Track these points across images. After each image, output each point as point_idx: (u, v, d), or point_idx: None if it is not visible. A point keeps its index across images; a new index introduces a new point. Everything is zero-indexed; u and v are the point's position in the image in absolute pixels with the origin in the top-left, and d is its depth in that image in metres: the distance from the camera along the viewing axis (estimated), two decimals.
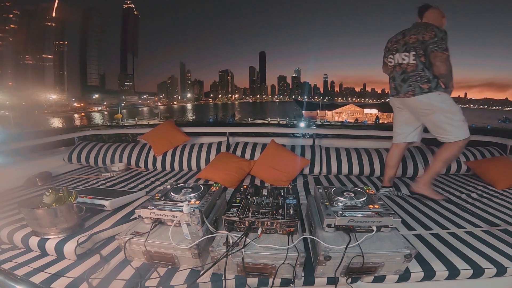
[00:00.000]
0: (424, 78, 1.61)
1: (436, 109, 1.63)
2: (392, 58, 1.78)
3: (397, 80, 1.75)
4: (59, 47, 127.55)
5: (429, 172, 1.78)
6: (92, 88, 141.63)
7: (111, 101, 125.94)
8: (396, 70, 1.75)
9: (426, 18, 1.73)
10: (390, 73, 1.83)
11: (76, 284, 0.95)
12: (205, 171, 2.23)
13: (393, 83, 1.79)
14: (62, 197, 1.21)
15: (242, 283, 0.98)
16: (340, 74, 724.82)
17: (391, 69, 1.81)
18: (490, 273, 1.05)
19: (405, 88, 1.69)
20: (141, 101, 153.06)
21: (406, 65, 1.68)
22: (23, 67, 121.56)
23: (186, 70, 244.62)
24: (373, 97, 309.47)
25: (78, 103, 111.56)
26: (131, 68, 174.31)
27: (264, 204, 1.10)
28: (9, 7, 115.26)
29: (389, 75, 1.85)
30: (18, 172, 2.10)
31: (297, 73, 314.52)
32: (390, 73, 1.84)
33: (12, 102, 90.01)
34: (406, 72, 1.68)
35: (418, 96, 1.64)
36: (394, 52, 1.76)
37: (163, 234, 1.05)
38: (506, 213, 1.56)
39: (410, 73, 1.66)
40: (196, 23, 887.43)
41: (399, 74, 1.73)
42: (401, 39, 1.71)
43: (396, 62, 1.74)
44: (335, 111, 49.08)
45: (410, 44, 1.65)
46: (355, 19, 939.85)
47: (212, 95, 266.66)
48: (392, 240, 1.01)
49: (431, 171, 1.77)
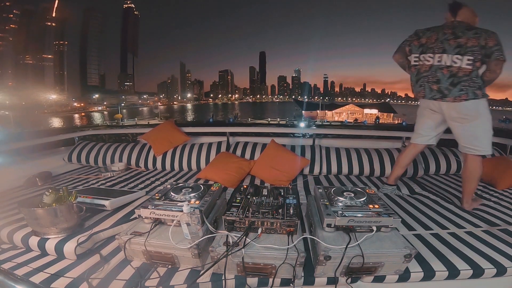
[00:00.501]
0: (477, 84, 1.53)
1: (480, 116, 1.57)
2: (432, 57, 1.62)
3: (443, 83, 1.59)
4: (59, 47, 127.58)
5: (468, 194, 1.68)
6: (92, 88, 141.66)
7: (111, 101, 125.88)
8: (443, 72, 1.58)
9: (460, 17, 1.64)
10: (424, 72, 1.66)
11: (76, 284, 0.95)
12: (205, 171, 2.23)
13: (437, 85, 1.62)
14: (62, 197, 1.21)
15: (242, 283, 0.98)
16: (340, 74, 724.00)
17: (427, 68, 1.65)
18: (490, 273, 1.05)
19: (456, 93, 1.55)
20: (141, 101, 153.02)
21: (458, 68, 1.54)
22: (23, 67, 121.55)
23: (186, 70, 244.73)
24: (373, 97, 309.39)
25: (78, 103, 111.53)
26: (131, 68, 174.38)
27: (264, 204, 1.10)
28: (9, 7, 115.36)
29: (422, 74, 1.68)
30: (18, 172, 2.10)
31: (297, 73, 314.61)
32: (424, 72, 1.67)
33: (12, 102, 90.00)
34: (456, 75, 1.55)
35: (470, 101, 1.54)
36: (437, 51, 1.60)
37: (163, 234, 1.05)
38: (506, 213, 1.56)
39: (463, 78, 1.54)
40: (196, 23, 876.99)
41: (446, 77, 1.58)
42: (452, 39, 1.56)
43: (444, 63, 1.58)
44: (335, 111, 49.07)
45: (468, 48, 1.51)
46: (355, 19, 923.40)
47: (212, 95, 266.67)
48: (392, 240, 1.01)
49: (469, 192, 1.67)
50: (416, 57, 1.72)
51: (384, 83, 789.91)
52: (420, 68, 1.70)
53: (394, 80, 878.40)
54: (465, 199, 1.69)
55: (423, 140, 1.87)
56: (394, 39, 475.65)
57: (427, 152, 2.45)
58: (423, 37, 1.68)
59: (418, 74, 1.72)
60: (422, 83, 1.70)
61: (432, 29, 1.68)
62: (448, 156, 2.43)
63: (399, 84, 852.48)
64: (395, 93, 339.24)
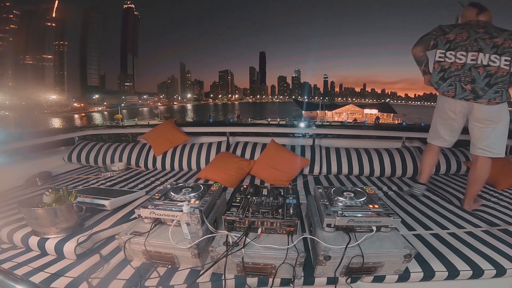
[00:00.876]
0: (508, 85, 1.51)
1: (502, 120, 1.56)
2: (464, 56, 1.55)
3: (479, 83, 1.52)
4: (59, 47, 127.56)
5: (471, 196, 1.69)
6: (92, 88, 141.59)
7: (111, 101, 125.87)
8: (479, 72, 1.52)
9: (484, 17, 1.63)
10: (456, 70, 1.58)
11: (76, 283, 0.95)
12: (205, 171, 2.23)
13: (471, 85, 1.54)
14: (62, 196, 1.21)
15: (242, 283, 0.98)
16: (340, 74, 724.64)
17: (458, 67, 1.57)
18: (489, 274, 1.05)
19: (491, 94, 1.50)
20: (141, 101, 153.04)
21: (497, 68, 1.49)
22: (23, 67, 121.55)
23: (186, 70, 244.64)
24: (373, 97, 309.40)
25: (78, 103, 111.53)
26: (131, 68, 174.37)
27: (264, 204, 1.10)
28: (9, 7, 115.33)
29: (453, 72, 1.59)
30: (18, 172, 2.10)
31: (297, 73, 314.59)
32: (455, 71, 1.58)
33: (12, 102, 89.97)
34: (493, 76, 1.50)
35: (502, 103, 1.51)
36: (472, 49, 1.54)
37: (163, 234, 1.05)
38: (506, 213, 1.56)
39: (500, 78, 1.49)
40: (196, 23, 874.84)
41: (482, 76, 1.51)
42: (488, 38, 1.51)
43: (480, 62, 1.52)
44: (335, 111, 49.09)
45: (505, 48, 1.48)
46: (355, 19, 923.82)
47: (212, 96, 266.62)
48: (392, 240, 1.01)
49: (473, 194, 1.68)
50: (442, 53, 1.62)
51: (384, 83, 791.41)
52: (445, 65, 1.61)
53: (394, 80, 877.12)
54: (467, 200, 1.69)
55: (447, 144, 1.79)
56: (394, 39, 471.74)
57: None
58: (451, 33, 1.60)
59: (443, 72, 1.62)
60: (453, 82, 1.59)
61: (460, 26, 1.62)
62: (448, 156, 2.43)
63: (399, 84, 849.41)
64: (395, 93, 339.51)
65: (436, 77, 1.66)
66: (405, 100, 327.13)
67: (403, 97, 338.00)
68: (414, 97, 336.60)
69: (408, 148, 2.47)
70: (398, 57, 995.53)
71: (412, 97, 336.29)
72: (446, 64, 1.61)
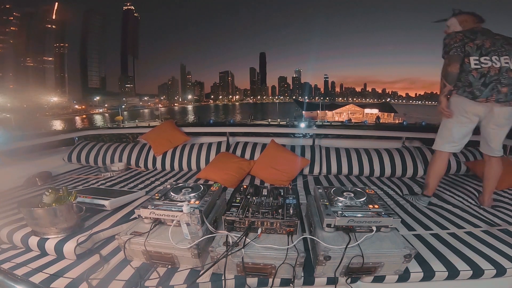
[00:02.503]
0: None
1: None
2: (498, 60, 1.57)
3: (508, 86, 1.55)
4: (60, 49, 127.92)
5: (490, 191, 1.75)
6: (93, 90, 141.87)
7: (112, 103, 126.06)
8: (510, 75, 1.55)
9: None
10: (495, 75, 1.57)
11: (75, 284, 0.95)
12: (205, 171, 2.23)
13: (506, 87, 1.55)
14: (62, 197, 1.21)
15: (242, 283, 0.98)
16: (341, 74, 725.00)
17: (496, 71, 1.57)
18: (489, 274, 1.04)
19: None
20: (142, 103, 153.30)
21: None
22: (24, 70, 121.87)
23: (186, 72, 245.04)
24: (374, 97, 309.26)
25: (79, 105, 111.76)
26: (132, 70, 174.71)
27: (264, 204, 1.10)
28: (10, 9, 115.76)
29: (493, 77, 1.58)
30: (18, 172, 2.10)
31: (297, 74, 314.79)
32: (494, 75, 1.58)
33: (13, 105, 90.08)
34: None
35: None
36: (502, 53, 1.57)
37: (163, 234, 1.05)
38: (506, 213, 1.55)
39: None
40: (196, 25, 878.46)
41: (509, 80, 1.55)
42: (506, 44, 1.58)
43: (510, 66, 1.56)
44: (335, 111, 49.06)
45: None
46: (355, 19, 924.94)
47: (213, 96, 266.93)
48: (391, 240, 1.01)
49: (492, 189, 1.75)
50: (476, 59, 1.60)
51: (384, 82, 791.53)
52: (484, 70, 1.58)
53: (394, 80, 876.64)
54: (487, 196, 1.74)
55: (458, 149, 1.78)
56: (395, 38, 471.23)
57: (427, 152, 2.45)
58: (477, 40, 1.60)
59: (484, 77, 1.59)
60: (495, 86, 1.57)
61: (479, 32, 1.63)
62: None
63: (400, 84, 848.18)
64: (396, 93, 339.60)
65: (478, 83, 1.60)
66: (406, 99, 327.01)
67: (404, 96, 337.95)
68: (415, 96, 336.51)
69: (408, 148, 2.47)
70: (398, 57, 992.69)
71: (413, 96, 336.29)
72: (485, 69, 1.59)
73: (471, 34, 1.61)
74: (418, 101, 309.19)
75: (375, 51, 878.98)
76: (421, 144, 2.72)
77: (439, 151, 1.80)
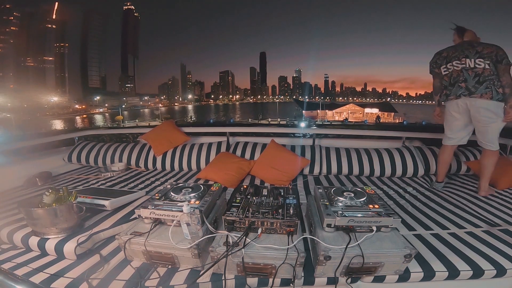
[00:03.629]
0: (498, 84, 1.77)
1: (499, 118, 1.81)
2: (458, 63, 1.89)
3: (469, 82, 1.83)
4: (60, 49, 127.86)
5: (484, 179, 1.91)
6: (93, 90, 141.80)
7: (112, 102, 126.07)
8: (469, 73, 1.84)
9: (467, 37, 1.97)
10: (457, 76, 1.89)
11: (76, 284, 0.95)
12: (205, 171, 2.23)
13: (465, 83, 1.85)
14: (62, 197, 1.21)
15: (242, 283, 0.98)
16: (341, 74, 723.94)
17: (458, 72, 1.89)
18: (490, 274, 1.04)
19: (482, 90, 1.78)
20: (142, 103, 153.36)
21: (482, 69, 1.80)
22: (24, 69, 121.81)
23: (186, 71, 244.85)
24: (374, 97, 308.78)
25: (79, 105, 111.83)
26: (132, 70, 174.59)
27: (264, 204, 1.10)
28: (10, 9, 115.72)
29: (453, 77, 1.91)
30: (18, 172, 2.10)
31: (297, 73, 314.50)
32: (456, 76, 1.90)
33: (13, 105, 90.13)
34: (480, 75, 1.80)
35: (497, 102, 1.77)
36: (460, 57, 1.88)
37: (163, 234, 1.05)
38: (506, 213, 1.55)
39: (487, 77, 1.78)
40: (196, 24, 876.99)
41: (472, 76, 1.83)
42: (471, 48, 1.85)
43: (468, 66, 1.85)
44: (335, 111, 49.04)
45: (485, 54, 1.79)
46: (356, 19, 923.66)
47: (213, 96, 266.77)
48: (392, 240, 1.00)
49: (486, 178, 1.91)
50: (444, 67, 1.99)
51: (385, 82, 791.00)
52: (449, 74, 1.96)
53: (395, 79, 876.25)
54: (482, 184, 1.90)
55: (454, 142, 2.06)
56: (395, 39, 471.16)
57: (428, 152, 2.45)
58: (444, 52, 1.99)
59: (449, 79, 1.95)
60: (457, 84, 1.90)
61: (451, 47, 1.99)
62: None
63: (400, 83, 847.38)
64: (396, 92, 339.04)
65: (448, 85, 1.97)
66: (407, 99, 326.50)
67: (404, 96, 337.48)
68: (415, 96, 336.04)
69: (408, 148, 2.47)
70: (398, 56, 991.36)
71: (414, 96, 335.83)
72: (451, 73, 1.94)
73: (442, 51, 2.02)
74: (419, 100, 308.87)
75: (375, 51, 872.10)
76: (421, 144, 2.71)
77: (443, 144, 2.13)
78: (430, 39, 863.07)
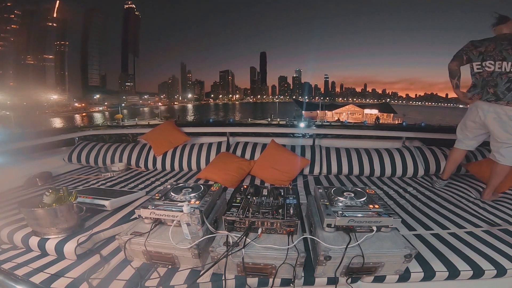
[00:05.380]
0: None
1: None
2: (492, 64, 1.73)
3: (500, 88, 1.70)
4: (60, 47, 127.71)
5: (491, 185, 1.83)
6: (93, 88, 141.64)
7: (112, 101, 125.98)
8: (502, 78, 1.70)
9: (509, 29, 1.78)
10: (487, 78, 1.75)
11: (76, 284, 0.95)
12: (205, 171, 2.23)
13: (494, 89, 1.72)
14: (62, 197, 1.21)
15: (242, 283, 0.98)
16: (341, 74, 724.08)
17: (489, 75, 1.75)
18: (490, 274, 1.04)
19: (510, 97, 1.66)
20: (142, 101, 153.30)
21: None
22: (24, 67, 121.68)
23: (186, 71, 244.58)
24: (374, 97, 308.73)
25: (79, 103, 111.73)
26: (132, 69, 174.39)
27: (264, 204, 1.10)
28: (10, 7, 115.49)
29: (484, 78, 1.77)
30: (18, 172, 2.10)
31: (297, 74, 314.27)
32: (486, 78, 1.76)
33: (13, 102, 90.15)
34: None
35: None
36: (497, 58, 1.71)
37: (163, 234, 1.05)
38: (507, 213, 1.55)
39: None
40: (197, 24, 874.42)
41: (504, 82, 1.69)
42: (510, 49, 1.68)
43: (504, 70, 1.70)
44: (335, 111, 49.05)
45: None
46: (356, 19, 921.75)
47: (213, 96, 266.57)
48: (392, 240, 1.01)
49: (495, 185, 1.83)
50: (478, 64, 1.80)
51: (384, 83, 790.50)
52: (484, 74, 1.78)
53: (394, 80, 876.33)
54: (487, 190, 1.83)
55: (465, 146, 2.03)
56: (395, 39, 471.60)
57: (427, 152, 2.45)
58: (482, 47, 1.78)
59: (482, 80, 1.79)
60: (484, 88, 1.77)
61: (489, 39, 1.79)
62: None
63: (400, 84, 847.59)
64: (396, 93, 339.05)
65: (477, 85, 1.81)
66: (406, 100, 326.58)
67: (404, 97, 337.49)
68: (415, 97, 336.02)
69: (408, 148, 2.47)
70: (399, 57, 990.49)
71: (413, 97, 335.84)
72: (482, 74, 1.79)
73: (479, 42, 1.80)
74: (418, 102, 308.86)
75: (375, 52, 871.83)
76: (421, 144, 2.71)
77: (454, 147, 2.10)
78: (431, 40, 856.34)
